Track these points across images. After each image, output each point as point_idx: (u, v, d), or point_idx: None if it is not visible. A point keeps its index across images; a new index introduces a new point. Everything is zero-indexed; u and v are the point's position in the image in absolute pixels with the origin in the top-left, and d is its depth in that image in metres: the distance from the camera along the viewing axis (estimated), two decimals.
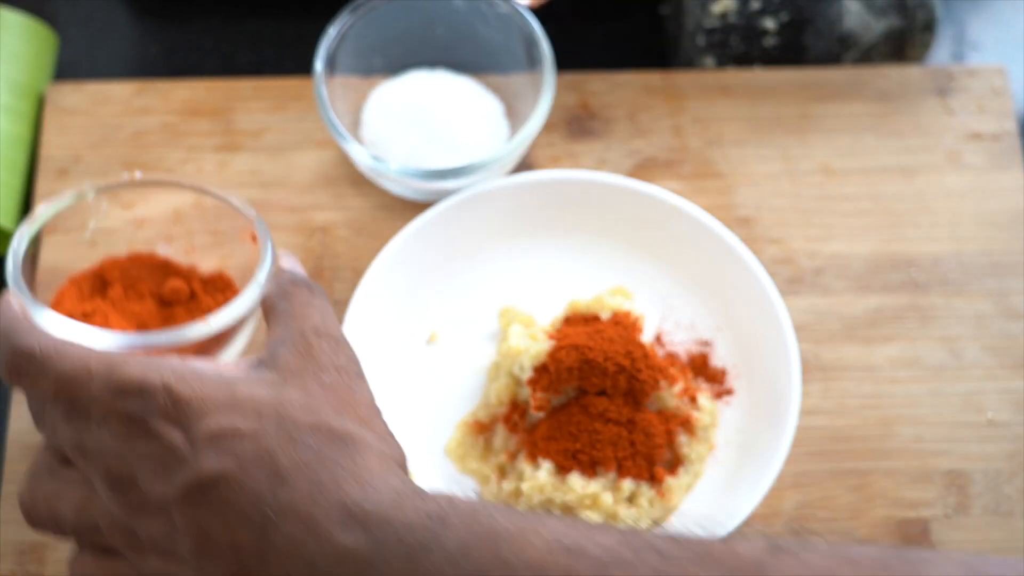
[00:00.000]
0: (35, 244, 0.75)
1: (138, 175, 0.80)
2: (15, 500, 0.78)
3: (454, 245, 0.83)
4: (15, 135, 0.87)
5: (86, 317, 0.77)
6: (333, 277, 0.85)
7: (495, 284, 0.84)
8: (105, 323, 0.77)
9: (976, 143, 0.89)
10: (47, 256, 0.85)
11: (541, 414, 0.78)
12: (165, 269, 0.82)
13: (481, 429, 0.80)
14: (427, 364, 0.82)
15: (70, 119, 0.89)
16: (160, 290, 0.82)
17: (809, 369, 0.81)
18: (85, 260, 0.81)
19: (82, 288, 0.81)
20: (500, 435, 0.79)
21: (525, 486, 0.76)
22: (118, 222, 0.81)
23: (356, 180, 0.87)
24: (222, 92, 0.90)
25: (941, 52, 0.95)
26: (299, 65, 0.94)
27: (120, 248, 0.81)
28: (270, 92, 0.90)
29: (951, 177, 0.88)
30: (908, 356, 0.83)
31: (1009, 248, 0.86)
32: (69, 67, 0.94)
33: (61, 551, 0.77)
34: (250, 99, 0.89)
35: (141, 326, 0.79)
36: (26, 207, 0.87)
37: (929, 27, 0.90)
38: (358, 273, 0.84)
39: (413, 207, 0.86)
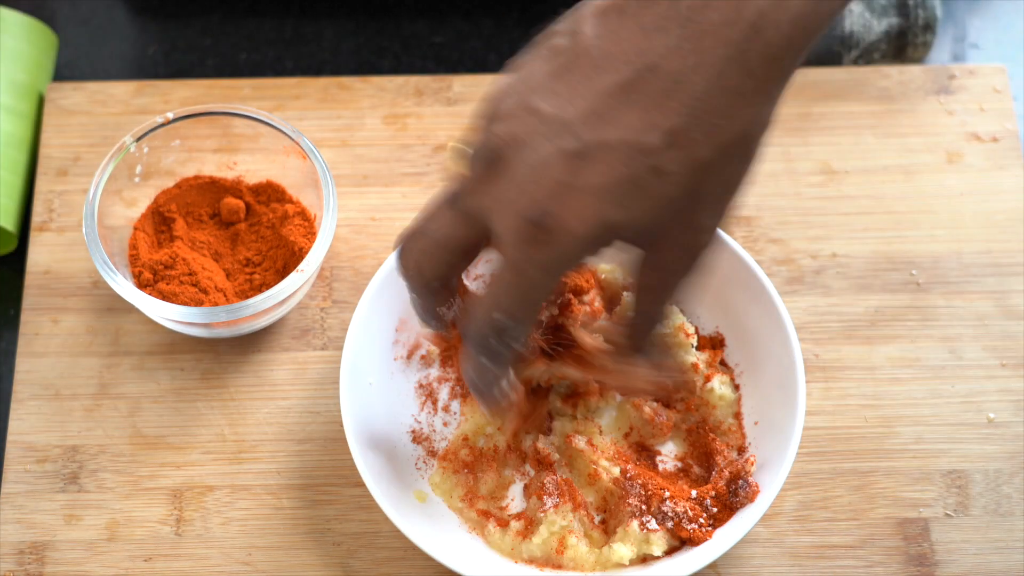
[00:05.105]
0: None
1: (170, 115, 0.81)
2: (15, 500, 0.79)
3: None
4: (15, 135, 0.87)
5: (167, 269, 0.80)
6: (332, 277, 0.84)
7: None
8: (187, 270, 0.79)
9: (976, 143, 0.89)
10: (40, 256, 0.85)
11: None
12: (214, 187, 0.84)
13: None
14: (428, 381, 0.81)
15: (70, 119, 0.89)
16: (217, 210, 0.84)
17: (809, 369, 0.81)
18: (130, 213, 0.83)
19: (147, 232, 0.83)
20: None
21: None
22: (162, 161, 0.83)
23: (356, 180, 0.87)
24: (222, 92, 0.90)
25: (941, 52, 0.95)
26: (299, 65, 0.94)
27: (167, 182, 0.84)
28: (270, 92, 0.90)
29: (951, 177, 0.88)
30: (908, 356, 0.83)
31: (1009, 248, 0.86)
32: (69, 67, 0.94)
33: (61, 551, 0.77)
34: (249, 99, 0.89)
35: (216, 256, 0.82)
36: (26, 207, 0.87)
37: (929, 27, 0.90)
38: (358, 273, 0.84)
39: (413, 209, 0.86)
